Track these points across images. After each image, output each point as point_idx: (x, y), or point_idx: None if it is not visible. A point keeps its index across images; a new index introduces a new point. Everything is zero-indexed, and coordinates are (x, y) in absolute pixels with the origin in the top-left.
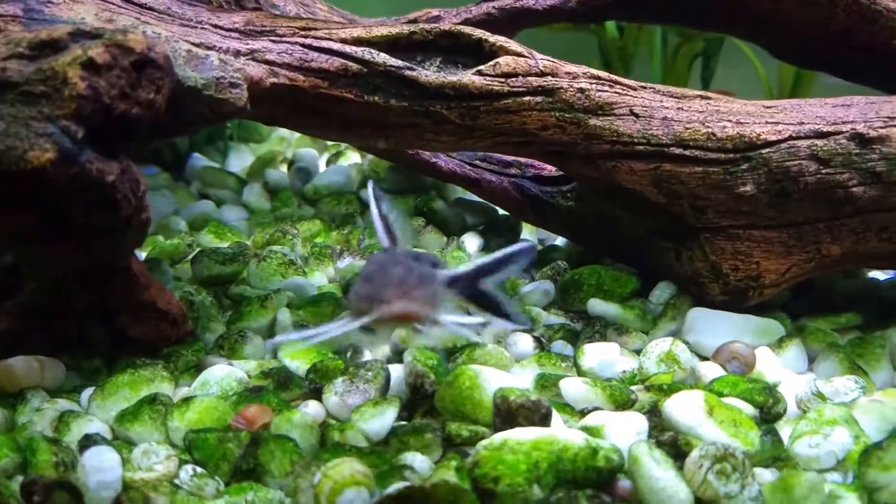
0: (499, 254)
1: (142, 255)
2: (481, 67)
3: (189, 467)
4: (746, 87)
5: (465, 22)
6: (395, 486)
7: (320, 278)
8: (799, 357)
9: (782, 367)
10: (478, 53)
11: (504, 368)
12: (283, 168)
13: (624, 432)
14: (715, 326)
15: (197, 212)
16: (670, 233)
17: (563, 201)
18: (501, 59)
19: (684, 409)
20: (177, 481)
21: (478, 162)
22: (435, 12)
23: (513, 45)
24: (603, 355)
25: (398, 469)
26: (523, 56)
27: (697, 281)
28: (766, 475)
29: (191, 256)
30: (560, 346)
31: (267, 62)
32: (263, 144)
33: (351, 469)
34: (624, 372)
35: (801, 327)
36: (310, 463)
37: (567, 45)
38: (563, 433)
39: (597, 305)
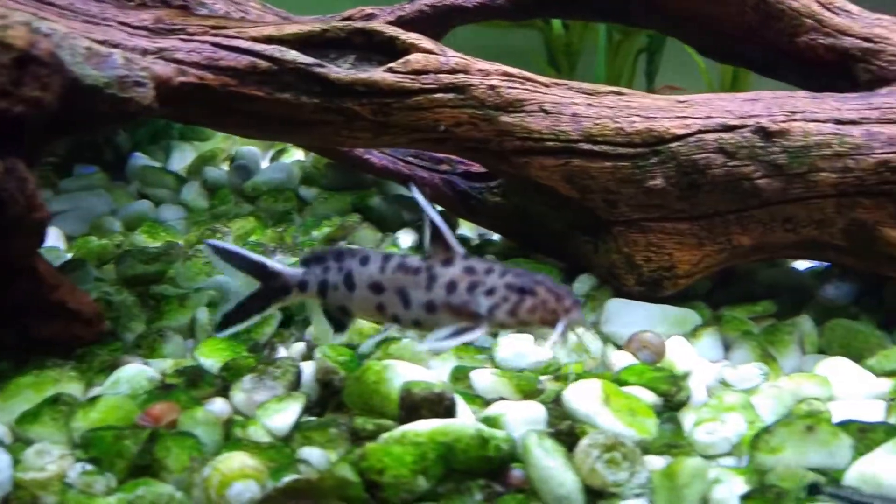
0: None
1: (68, 255)
2: (392, 65)
3: (79, 465)
4: (693, 83)
5: (399, 19)
6: (285, 480)
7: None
8: (713, 345)
9: (696, 356)
10: (391, 51)
11: (420, 362)
12: (225, 166)
13: (521, 422)
14: (631, 316)
15: (133, 211)
16: (587, 226)
17: (491, 197)
18: (412, 57)
19: (581, 398)
20: (68, 480)
21: (410, 158)
22: (369, 10)
23: (424, 42)
24: (516, 347)
25: (294, 463)
26: (434, 53)
27: (614, 273)
28: (658, 462)
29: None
30: (482, 338)
31: (176, 61)
32: (208, 143)
33: (241, 462)
34: (538, 362)
35: (718, 316)
36: (206, 458)
37: (515, 42)
38: (456, 424)
39: None
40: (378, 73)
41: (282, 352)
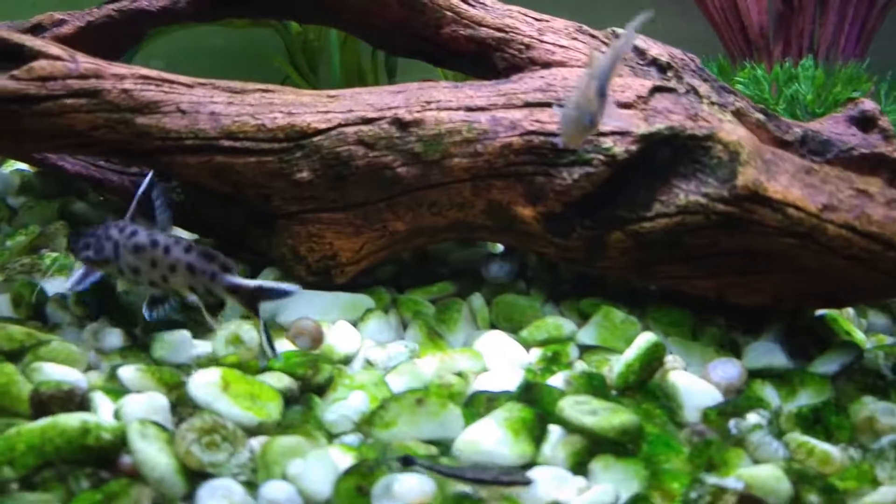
0: (277, 284)
1: None
2: (15, 72)
3: None
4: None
5: (89, 25)
6: None
7: None
8: (382, 328)
9: (363, 339)
10: (21, 58)
11: (75, 364)
12: None
13: (142, 412)
14: (303, 306)
15: None
16: (260, 221)
17: (176, 196)
18: (36, 63)
19: (200, 387)
20: None
21: (102, 162)
22: (59, 16)
23: (53, 49)
24: (172, 342)
25: None
26: (62, 59)
27: (286, 264)
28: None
29: None
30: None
31: None
32: None
33: None
34: (198, 357)
35: (395, 300)
36: None
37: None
38: (65, 418)
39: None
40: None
41: None
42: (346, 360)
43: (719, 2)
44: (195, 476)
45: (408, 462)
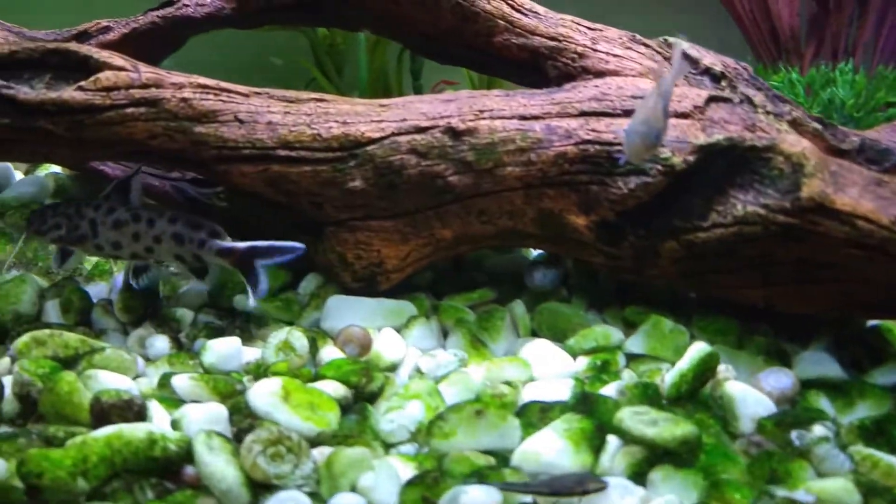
0: (272, 242)
1: None
2: (82, 83)
3: None
4: (463, 78)
5: (133, 31)
6: None
7: None
8: (426, 335)
9: (408, 347)
10: (86, 69)
11: (126, 372)
12: None
13: (202, 422)
14: (348, 312)
15: None
16: (306, 227)
17: (218, 202)
18: (102, 75)
19: (261, 396)
20: None
21: (143, 168)
22: (105, 23)
23: (116, 59)
24: (223, 349)
25: None
26: (125, 70)
27: (332, 271)
28: (327, 453)
29: None
30: (200, 343)
31: None
32: None
33: None
34: (248, 364)
35: (437, 306)
36: None
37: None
38: (128, 428)
39: (240, 301)
40: (68, 92)
41: None
42: (393, 368)
43: (748, 4)
44: (258, 487)
45: None
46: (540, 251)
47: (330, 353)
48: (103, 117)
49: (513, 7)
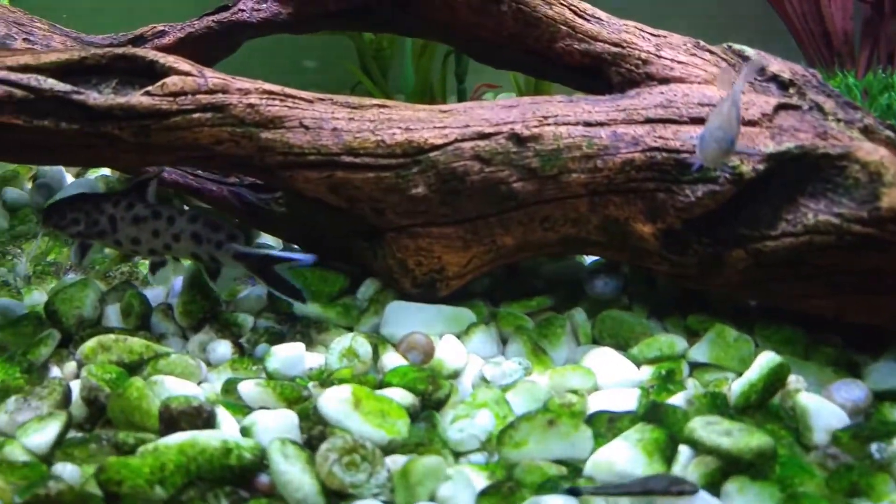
0: (287, 253)
1: None
2: (149, 88)
3: None
4: (507, 82)
5: (188, 36)
6: (25, 496)
7: (39, 297)
8: (486, 342)
9: (468, 354)
10: (151, 74)
11: (191, 377)
12: (30, 185)
13: (273, 429)
14: (408, 318)
15: None
16: (365, 233)
17: (277, 207)
18: (169, 80)
19: (332, 403)
20: None
21: (200, 172)
22: (160, 27)
23: (182, 64)
24: (287, 355)
25: (44, 479)
26: (192, 75)
27: (392, 277)
28: (402, 462)
29: None
30: (263, 349)
31: None
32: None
33: None
34: (311, 369)
35: (495, 313)
36: None
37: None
38: (203, 436)
39: (300, 306)
40: (135, 98)
41: (55, 372)
42: (455, 375)
43: (800, 8)
44: (334, 496)
45: (574, 493)
46: (595, 258)
47: (392, 359)
48: (170, 122)
49: (575, 13)
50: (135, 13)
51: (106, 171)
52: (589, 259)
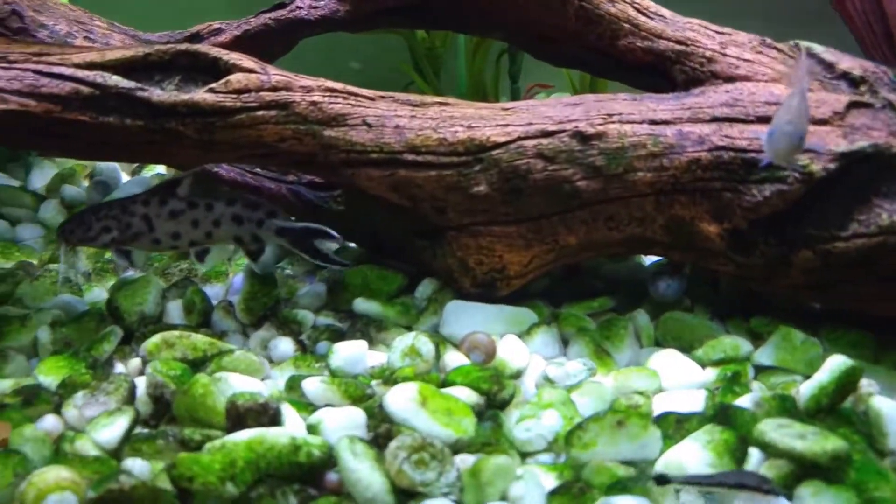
0: (321, 226)
1: None
2: (213, 85)
3: None
4: (560, 80)
5: (245, 34)
6: (99, 490)
7: (99, 294)
8: (548, 343)
9: (530, 354)
10: (215, 71)
11: (255, 374)
12: (87, 183)
13: (340, 427)
14: (468, 318)
15: None
16: (425, 232)
17: (335, 205)
18: (233, 77)
19: (398, 401)
20: None
21: (258, 170)
22: (217, 25)
23: (246, 62)
24: (349, 353)
25: (116, 474)
26: (255, 72)
27: (451, 276)
28: (471, 461)
29: None
30: (324, 346)
31: None
32: (69, 160)
33: (56, 476)
34: (373, 367)
35: (556, 314)
36: (30, 474)
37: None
38: (271, 433)
39: (360, 304)
40: (199, 94)
41: (119, 368)
42: (517, 375)
43: (862, 6)
44: (403, 495)
45: (663, 481)
46: (656, 259)
47: (453, 358)
48: (234, 120)
49: (638, 10)
50: (187, 12)
51: (161, 169)
52: (648, 260)
